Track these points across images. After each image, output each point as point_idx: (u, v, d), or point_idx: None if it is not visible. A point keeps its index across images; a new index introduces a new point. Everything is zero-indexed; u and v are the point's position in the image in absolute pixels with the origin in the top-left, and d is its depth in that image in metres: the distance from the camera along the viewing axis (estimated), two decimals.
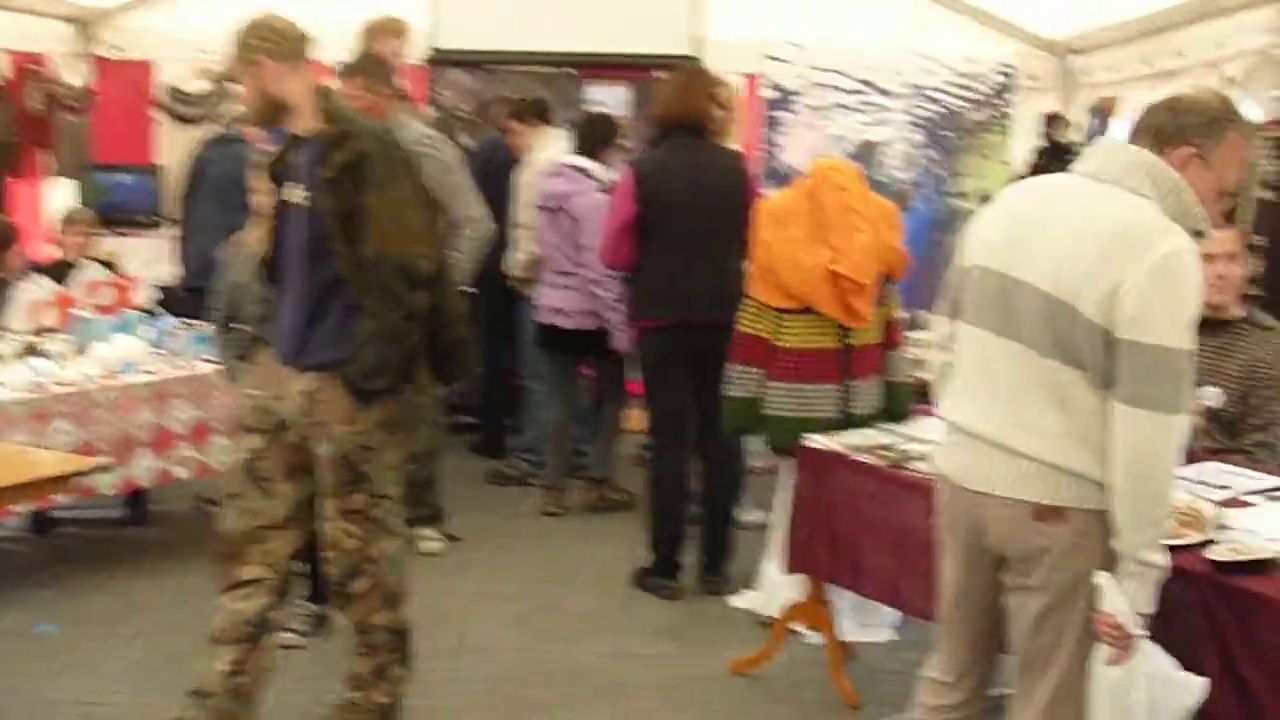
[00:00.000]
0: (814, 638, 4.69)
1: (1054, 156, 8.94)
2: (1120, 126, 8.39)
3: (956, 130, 9.36)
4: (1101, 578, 2.71)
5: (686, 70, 5.23)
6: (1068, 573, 2.77)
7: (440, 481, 5.94)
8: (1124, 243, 2.65)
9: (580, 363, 6.65)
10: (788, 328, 4.38)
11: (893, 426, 4.37)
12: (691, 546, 5.45)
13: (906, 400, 4.52)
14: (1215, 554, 2.98)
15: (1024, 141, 9.41)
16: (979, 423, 2.86)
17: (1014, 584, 2.87)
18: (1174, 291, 2.63)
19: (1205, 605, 2.93)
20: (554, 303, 6.35)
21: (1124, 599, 2.69)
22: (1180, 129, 2.78)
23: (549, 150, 6.74)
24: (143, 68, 8.82)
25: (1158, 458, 2.64)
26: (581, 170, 6.25)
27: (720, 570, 5.43)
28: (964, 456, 2.91)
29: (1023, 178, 9.22)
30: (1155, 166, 2.75)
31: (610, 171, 6.20)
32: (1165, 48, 7.94)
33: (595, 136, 6.40)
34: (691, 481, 5.53)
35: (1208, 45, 7.19)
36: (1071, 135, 8.97)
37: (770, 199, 4.49)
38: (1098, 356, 2.67)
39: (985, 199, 9.12)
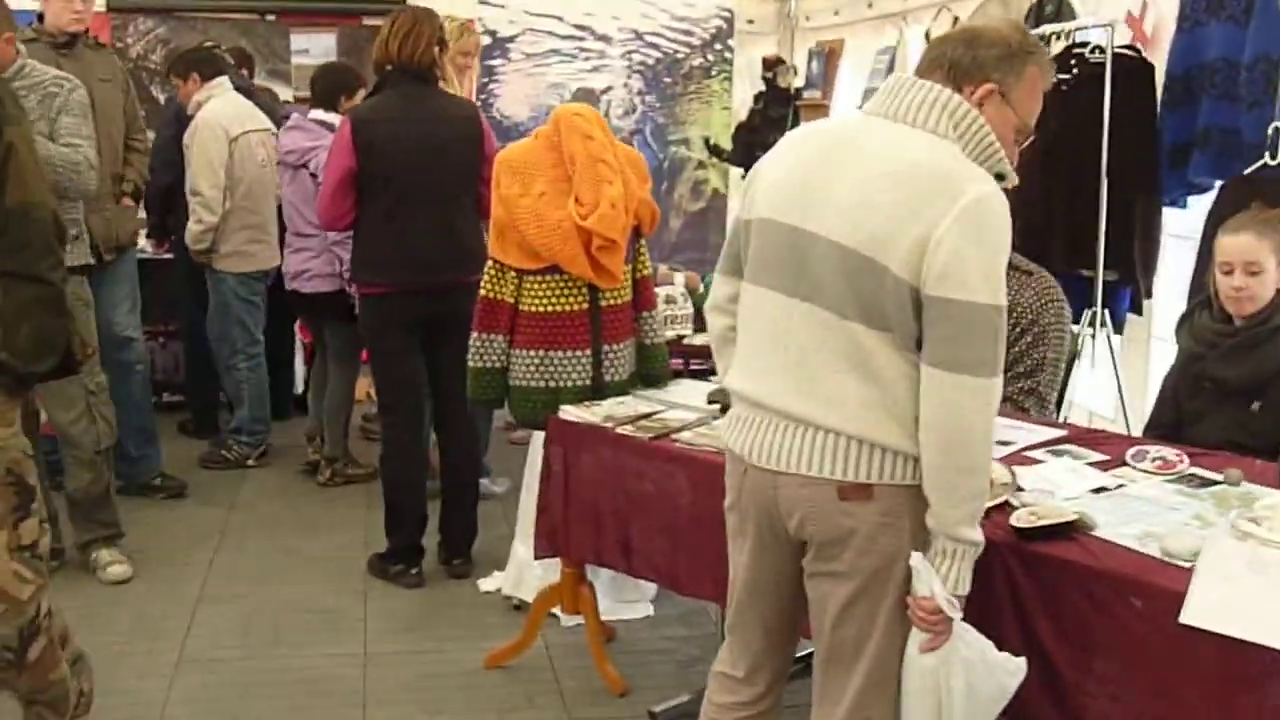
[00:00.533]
0: (571, 620, 4.38)
1: (775, 101, 8.83)
2: (847, 70, 8.30)
3: (676, 76, 9.17)
4: (915, 559, 2.46)
5: (412, 11, 4.76)
6: (877, 555, 2.51)
7: (112, 493, 5.18)
8: (929, 190, 2.38)
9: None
10: (531, 290, 4.00)
11: (649, 392, 4.07)
12: (433, 528, 5.05)
13: (663, 363, 4.22)
14: (1017, 520, 2.77)
15: (746, 87, 9.27)
16: (771, 394, 2.56)
17: (817, 570, 2.59)
18: (985, 242, 2.38)
19: (1007, 573, 2.72)
20: (294, 267, 5.96)
21: (939, 580, 2.45)
22: (978, 63, 2.53)
23: (215, 106, 6.26)
24: None
25: (973, 426, 2.39)
26: (323, 124, 5.82)
27: (465, 552, 5.05)
28: (755, 432, 2.60)
29: (744, 124, 9.17)
30: (954, 104, 2.49)
31: None
32: None
33: (334, 87, 5.97)
34: (431, 456, 5.15)
35: None
36: (793, 80, 8.86)
37: (509, 150, 4.08)
38: (905, 317, 2.40)
39: (709, 146, 8.99)
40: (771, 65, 8.86)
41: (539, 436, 4.07)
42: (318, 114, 5.93)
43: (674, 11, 9.07)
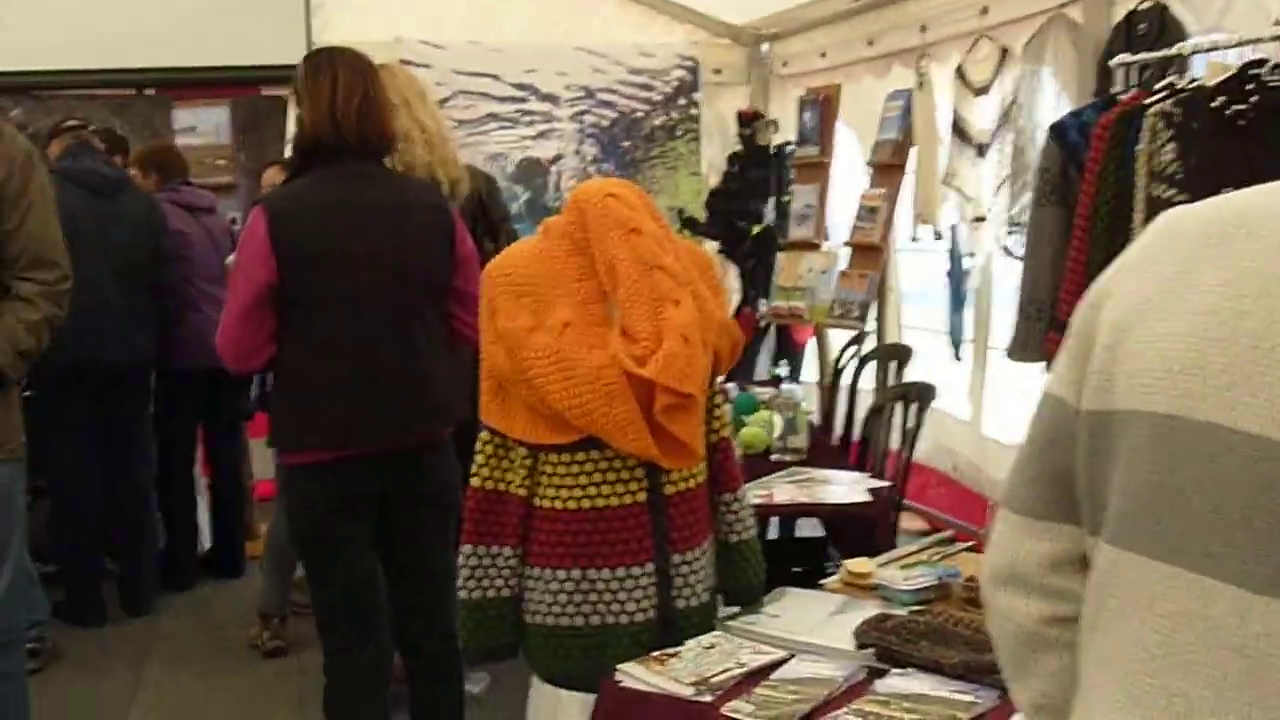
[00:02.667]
0: None
1: (755, 162, 7.51)
2: (846, 121, 6.97)
3: (636, 139, 7.86)
4: None
5: (346, 57, 3.29)
6: None
7: None
8: None
9: None
10: (556, 476, 2.52)
11: (745, 621, 2.62)
12: None
13: (757, 570, 2.75)
14: None
15: (716, 148, 7.98)
16: None
17: None
18: None
19: None
20: None
21: None
22: None
23: None
24: None
25: None
26: None
27: None
28: None
29: (719, 190, 7.82)
30: None
31: None
32: (884, 25, 6.58)
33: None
34: None
35: (955, 14, 5.83)
36: (773, 136, 7.55)
37: (506, 259, 2.57)
38: None
39: (682, 219, 7.60)
40: (749, 120, 7.55)
41: (568, 702, 2.61)
42: None
43: (629, 64, 7.77)
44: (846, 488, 3.84)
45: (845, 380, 5.63)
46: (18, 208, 3.37)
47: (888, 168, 6.41)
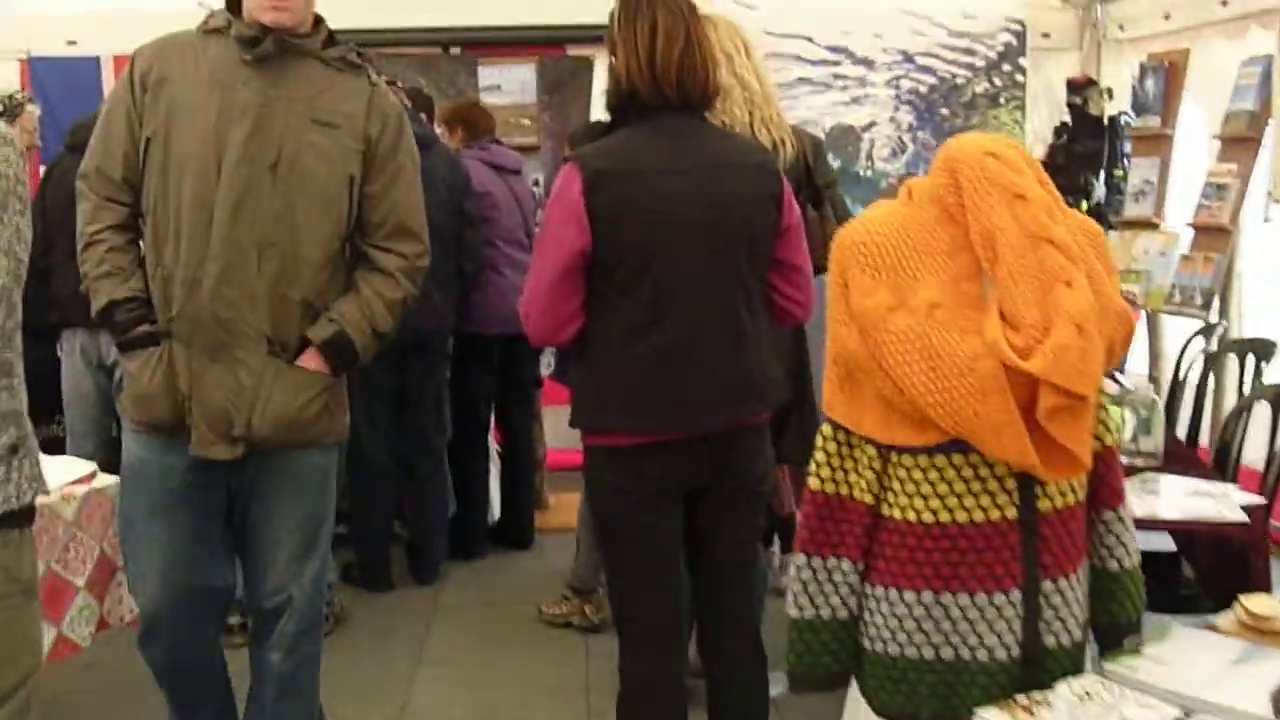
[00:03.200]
0: None
1: (1084, 134, 6.94)
2: (1191, 90, 6.35)
3: (956, 106, 7.41)
4: None
5: (668, 3, 2.98)
6: None
7: None
8: None
9: None
10: (911, 482, 2.15)
11: (1125, 665, 2.21)
12: None
13: (1138, 603, 2.32)
14: None
15: (1042, 117, 7.44)
16: None
17: None
18: None
19: None
20: None
21: None
22: None
23: None
24: None
25: None
26: None
27: None
28: None
29: (1044, 163, 7.27)
30: None
31: None
32: None
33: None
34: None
35: None
36: (1106, 105, 6.96)
37: (860, 226, 2.17)
38: None
39: None
40: (1080, 88, 6.98)
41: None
42: None
43: (951, 26, 7.32)
44: (1216, 502, 3.34)
45: (1191, 377, 5.07)
46: (386, 169, 3.09)
47: (1240, 141, 5.81)
